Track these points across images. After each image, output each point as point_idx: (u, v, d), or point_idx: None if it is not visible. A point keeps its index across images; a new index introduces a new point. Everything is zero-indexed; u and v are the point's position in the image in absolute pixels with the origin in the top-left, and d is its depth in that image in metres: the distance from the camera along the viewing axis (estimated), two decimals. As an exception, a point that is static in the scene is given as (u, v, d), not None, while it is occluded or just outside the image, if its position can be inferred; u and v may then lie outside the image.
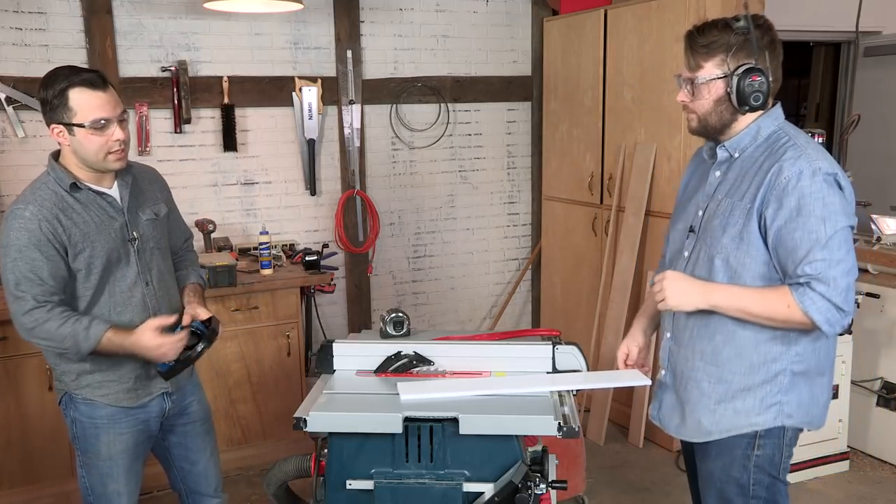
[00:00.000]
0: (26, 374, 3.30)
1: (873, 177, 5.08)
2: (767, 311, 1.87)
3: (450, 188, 4.74)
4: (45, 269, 2.08)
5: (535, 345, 2.32)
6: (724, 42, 1.90)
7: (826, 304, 1.80)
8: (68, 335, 2.08)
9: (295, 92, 4.18)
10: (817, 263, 1.80)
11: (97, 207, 2.17)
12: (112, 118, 2.09)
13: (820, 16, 5.10)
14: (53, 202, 2.11)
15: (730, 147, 1.99)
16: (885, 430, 3.84)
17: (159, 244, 2.32)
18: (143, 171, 2.39)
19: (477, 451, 1.94)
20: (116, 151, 2.12)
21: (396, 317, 2.46)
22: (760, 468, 2.01)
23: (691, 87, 1.95)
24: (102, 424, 2.25)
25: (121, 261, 2.20)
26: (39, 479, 3.39)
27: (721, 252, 1.93)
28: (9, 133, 3.69)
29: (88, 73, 2.10)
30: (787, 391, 1.97)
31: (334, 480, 1.98)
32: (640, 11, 3.89)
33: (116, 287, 2.20)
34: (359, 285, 4.55)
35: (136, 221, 2.25)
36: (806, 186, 1.81)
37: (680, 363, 2.08)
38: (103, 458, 2.26)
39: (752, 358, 1.96)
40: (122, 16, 3.83)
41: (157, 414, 2.34)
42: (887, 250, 3.82)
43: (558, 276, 4.75)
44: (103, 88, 2.09)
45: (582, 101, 4.37)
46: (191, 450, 2.46)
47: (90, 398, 2.23)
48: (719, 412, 2.00)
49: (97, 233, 2.15)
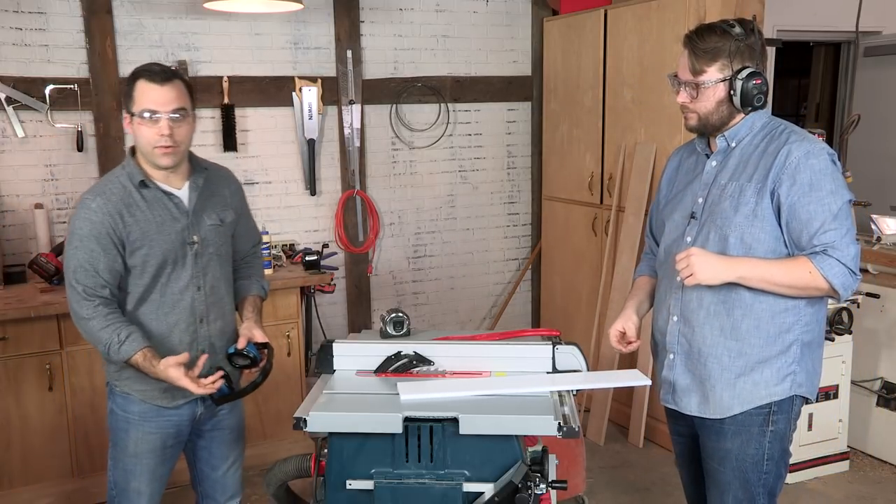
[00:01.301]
0: (26, 374, 3.30)
1: (873, 177, 5.08)
2: (791, 279, 2.00)
3: (450, 188, 4.74)
4: (101, 261, 2.12)
5: (535, 345, 2.32)
6: (726, 48, 2.03)
7: (842, 268, 1.96)
8: (104, 340, 2.12)
9: (295, 92, 4.18)
10: (831, 233, 1.96)
11: (162, 207, 2.20)
12: (161, 112, 2.10)
13: (820, 16, 5.11)
14: (120, 197, 2.15)
15: (729, 137, 2.13)
16: (885, 430, 3.84)
17: (219, 251, 2.32)
18: (219, 173, 2.40)
19: (477, 451, 1.94)
20: (162, 147, 2.12)
21: (396, 317, 2.46)
22: (773, 442, 2.14)
23: (695, 90, 2.06)
24: (134, 420, 2.28)
25: (177, 263, 2.22)
26: (39, 479, 3.39)
27: (735, 230, 2.05)
28: (9, 133, 3.69)
29: (157, 66, 2.15)
30: (798, 361, 2.11)
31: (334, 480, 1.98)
32: (640, 11, 3.89)
33: (168, 288, 2.22)
34: (359, 285, 4.55)
35: (199, 225, 2.26)
36: (815, 164, 1.98)
37: (696, 342, 2.15)
38: (130, 455, 2.29)
39: (769, 329, 2.08)
40: (122, 16, 3.83)
41: (188, 418, 2.34)
42: (887, 250, 3.82)
43: (558, 276, 4.75)
44: (161, 82, 2.10)
45: (582, 101, 4.37)
46: (214, 456, 2.46)
47: (128, 392, 2.26)
48: (739, 385, 2.11)
49: (157, 232, 2.17)
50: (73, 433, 3.41)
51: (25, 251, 3.76)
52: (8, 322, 3.22)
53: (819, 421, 3.68)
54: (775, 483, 2.19)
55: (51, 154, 3.80)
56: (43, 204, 3.77)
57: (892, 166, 5.31)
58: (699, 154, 2.23)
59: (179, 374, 2.11)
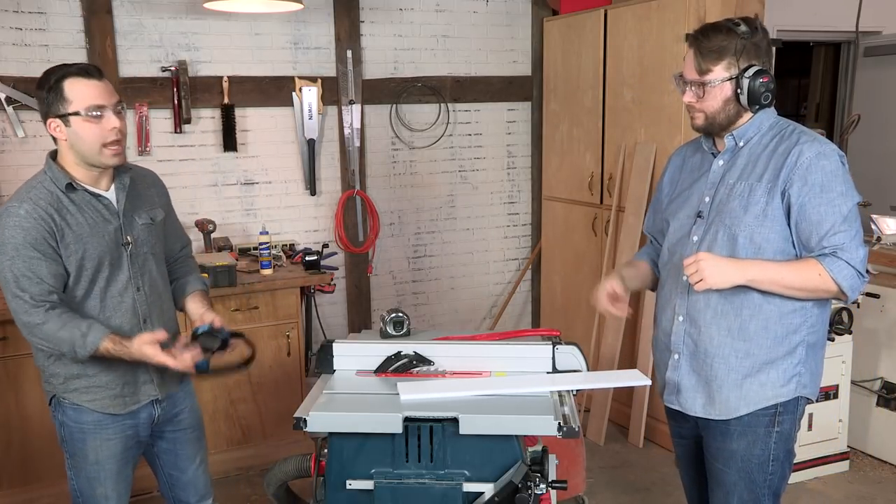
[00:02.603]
0: (26, 374, 3.30)
1: (873, 177, 5.08)
2: (801, 281, 2.00)
3: (450, 188, 4.74)
4: (43, 267, 2.05)
5: (535, 345, 2.32)
6: (731, 46, 2.01)
7: (850, 270, 1.97)
8: (66, 340, 2.06)
9: (295, 92, 4.18)
10: (841, 235, 1.97)
11: (92, 209, 2.14)
12: (107, 105, 2.07)
13: (820, 16, 5.11)
14: (48, 201, 2.07)
15: (737, 136, 2.11)
16: (885, 430, 3.84)
17: (154, 250, 2.29)
18: (143, 175, 2.36)
19: (477, 451, 1.94)
20: (112, 143, 2.08)
21: (396, 317, 2.46)
22: (779, 443, 2.14)
23: (702, 89, 2.05)
24: (89, 430, 2.22)
25: (113, 265, 2.17)
26: (39, 479, 3.39)
27: (745, 230, 2.04)
28: (9, 133, 3.69)
29: (82, 64, 2.10)
30: (804, 362, 2.11)
31: (334, 480, 1.98)
32: (640, 11, 3.89)
33: (107, 291, 2.17)
34: (359, 285, 4.55)
35: (131, 225, 2.22)
36: (827, 165, 1.98)
37: (703, 342, 2.14)
38: (91, 463, 2.24)
39: (776, 330, 2.07)
40: (122, 16, 3.83)
41: (145, 421, 2.30)
42: (887, 250, 3.82)
43: (558, 276, 4.75)
44: (98, 77, 2.07)
45: (582, 101, 4.37)
46: (180, 457, 2.42)
47: (77, 403, 2.20)
48: (745, 387, 2.11)
49: (90, 235, 2.12)
50: (73, 433, 3.41)
51: (25, 251, 3.76)
52: (8, 322, 3.21)
53: (819, 421, 3.68)
54: (780, 483, 2.20)
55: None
56: (43, 204, 3.76)
57: (892, 166, 5.31)
58: (705, 153, 2.21)
59: (155, 351, 2.08)
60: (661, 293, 2.30)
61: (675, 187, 2.30)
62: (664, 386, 2.28)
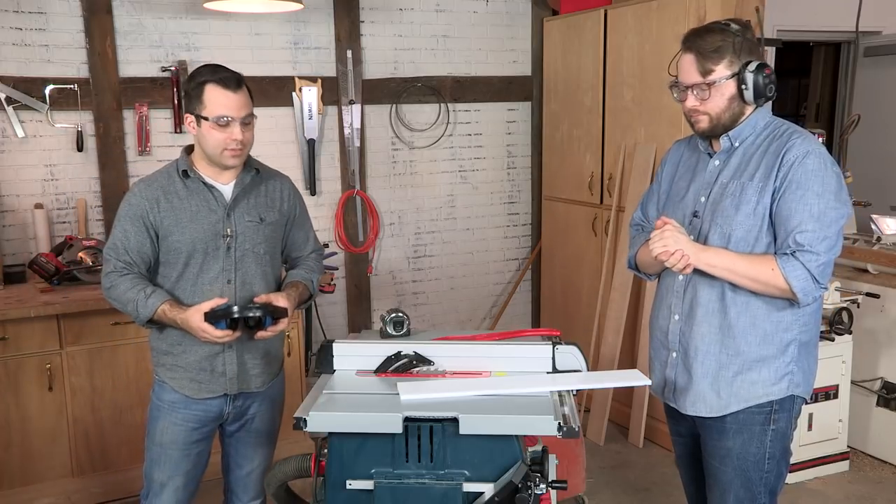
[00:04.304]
0: (26, 374, 3.30)
1: (873, 177, 5.08)
2: (752, 272, 2.02)
3: (450, 188, 4.74)
4: (131, 241, 2.25)
5: (535, 345, 2.32)
6: (729, 45, 2.03)
7: (805, 273, 1.97)
8: (130, 300, 2.22)
9: (295, 92, 4.18)
10: (806, 234, 1.96)
11: (201, 198, 2.28)
12: (235, 118, 2.21)
13: (820, 16, 5.11)
14: (161, 184, 2.28)
15: (733, 137, 2.13)
16: (885, 430, 3.84)
17: (256, 248, 2.35)
18: (274, 178, 2.46)
19: (477, 451, 1.94)
20: (232, 150, 2.23)
21: (396, 317, 2.45)
22: (775, 441, 2.15)
23: (707, 91, 2.06)
24: (164, 409, 2.36)
25: (208, 254, 2.28)
26: (39, 479, 3.39)
27: (737, 228, 2.06)
28: (9, 133, 3.69)
29: (227, 73, 2.23)
30: (796, 361, 2.12)
31: (334, 480, 1.98)
32: (640, 11, 3.89)
33: (199, 278, 2.29)
34: (359, 285, 4.55)
35: (236, 220, 2.31)
36: (809, 164, 1.99)
37: (694, 340, 2.16)
38: (156, 443, 2.37)
39: (765, 327, 2.09)
40: (122, 16, 3.83)
41: (214, 415, 2.40)
42: (887, 250, 3.82)
43: (558, 276, 4.75)
44: (235, 90, 2.22)
45: (582, 101, 4.37)
46: (239, 454, 2.52)
47: (162, 379, 2.36)
48: (736, 384, 2.12)
49: (190, 221, 2.26)
50: (73, 433, 3.41)
51: (25, 251, 3.76)
52: (8, 322, 3.22)
53: (819, 421, 3.68)
54: (776, 482, 2.20)
55: (51, 154, 3.80)
56: (43, 204, 3.77)
57: (892, 166, 5.31)
58: (700, 153, 2.23)
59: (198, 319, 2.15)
60: (657, 292, 2.33)
61: (671, 185, 2.32)
62: (662, 384, 2.29)
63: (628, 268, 2.46)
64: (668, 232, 2.04)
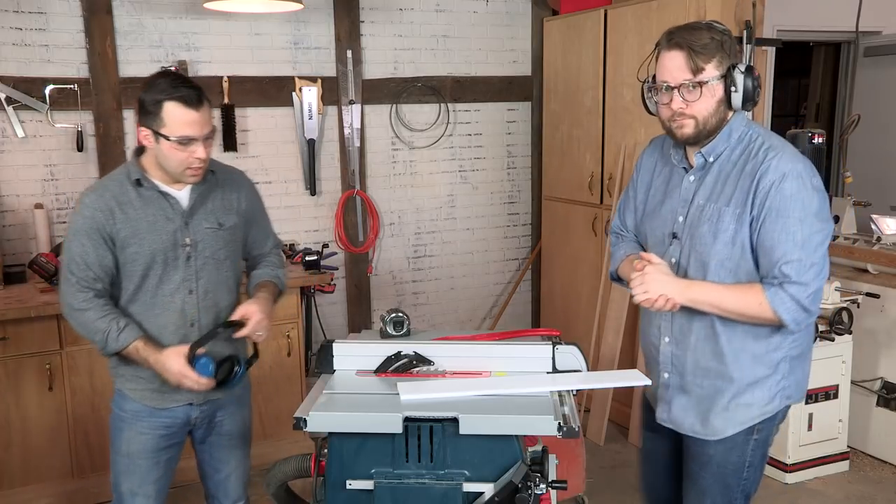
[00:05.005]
0: (26, 374, 3.30)
1: (873, 177, 5.08)
2: (740, 306, 1.95)
3: (450, 188, 4.74)
4: (91, 255, 2.13)
5: (535, 345, 2.32)
6: (718, 43, 1.93)
7: (794, 304, 1.90)
8: (100, 330, 2.13)
9: (295, 92, 4.18)
10: (793, 264, 1.88)
11: (157, 206, 2.18)
12: (198, 137, 2.10)
13: (820, 16, 5.10)
14: (113, 193, 2.15)
15: (706, 153, 2.03)
16: (885, 430, 3.84)
17: (216, 255, 2.27)
18: (229, 177, 2.35)
19: (477, 451, 1.94)
20: (195, 168, 2.14)
21: (396, 317, 2.45)
22: (756, 449, 2.13)
23: (699, 90, 1.93)
24: (127, 419, 2.28)
25: (167, 264, 2.19)
26: (39, 479, 3.39)
27: (715, 257, 1.99)
28: (9, 133, 3.69)
29: (188, 90, 2.09)
30: (787, 376, 2.07)
31: (334, 480, 1.98)
32: (640, 11, 3.89)
33: (159, 289, 2.20)
34: (359, 285, 4.55)
35: (194, 227, 2.22)
36: (787, 188, 1.89)
37: (689, 366, 2.11)
38: (122, 454, 2.30)
39: (755, 350, 2.03)
40: (122, 16, 3.83)
41: (181, 421, 2.32)
42: (887, 250, 3.82)
43: (558, 275, 4.75)
44: (197, 107, 2.09)
45: (582, 101, 4.37)
46: (214, 458, 2.46)
47: (122, 389, 2.29)
48: (732, 408, 2.08)
49: (148, 231, 2.16)
50: (73, 433, 3.41)
51: (25, 251, 3.76)
52: (8, 322, 3.22)
53: (819, 421, 3.68)
54: (752, 487, 2.18)
55: (51, 154, 3.80)
56: (43, 204, 3.77)
57: (892, 166, 5.30)
58: (674, 166, 2.12)
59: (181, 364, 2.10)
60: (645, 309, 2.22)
61: (647, 195, 2.23)
62: (655, 397, 2.26)
63: (611, 280, 2.40)
64: (650, 276, 1.97)
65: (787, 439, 3.63)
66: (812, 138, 3.57)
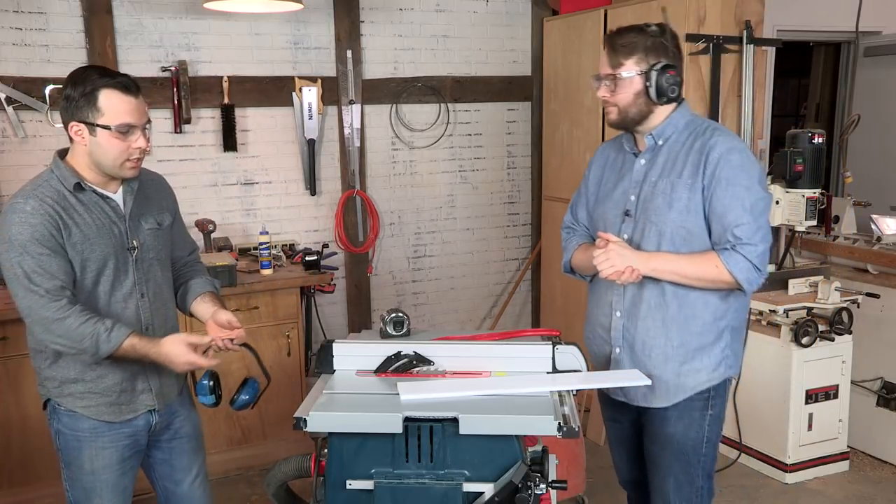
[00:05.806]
0: (26, 374, 3.30)
1: (873, 177, 5.08)
2: (698, 272, 2.13)
3: (450, 188, 4.74)
4: (52, 263, 2.01)
5: (535, 345, 2.32)
6: (641, 43, 2.16)
7: (747, 264, 2.08)
8: (89, 334, 2.01)
9: (295, 92, 4.18)
10: (743, 227, 2.08)
11: (99, 210, 2.11)
12: (138, 125, 2.06)
13: (820, 16, 5.10)
14: (55, 199, 2.03)
15: (656, 135, 2.23)
16: (885, 430, 3.84)
17: (159, 255, 2.25)
18: (151, 179, 2.31)
19: (477, 451, 1.94)
20: (134, 160, 2.09)
21: (396, 317, 2.45)
22: (713, 425, 2.29)
23: (614, 83, 2.17)
24: (85, 437, 2.16)
25: (118, 269, 2.13)
26: (39, 479, 3.39)
27: (670, 224, 2.16)
28: (9, 133, 3.70)
29: (122, 77, 2.06)
30: (729, 345, 2.25)
31: (334, 480, 1.98)
32: (640, 11, 3.89)
33: (112, 296, 2.13)
34: (359, 285, 4.55)
35: (137, 230, 2.18)
36: (734, 160, 2.11)
37: (640, 335, 2.25)
38: (87, 473, 2.18)
39: (704, 317, 2.20)
40: (122, 16, 3.83)
41: (143, 429, 2.25)
42: (887, 250, 3.82)
43: (558, 275, 4.74)
44: (136, 94, 2.06)
45: (582, 101, 4.37)
46: (176, 469, 2.36)
47: (72, 409, 2.15)
48: (682, 374, 2.23)
49: (97, 236, 2.08)
50: (73, 433, 3.41)
51: (25, 251, 3.76)
52: (8, 322, 3.22)
53: (819, 421, 3.68)
54: (711, 465, 2.32)
55: (51, 154, 3.77)
56: (43, 204, 3.76)
57: (892, 166, 5.30)
58: (626, 153, 2.32)
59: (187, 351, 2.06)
60: (595, 290, 2.40)
61: (599, 187, 2.40)
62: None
63: (564, 272, 2.53)
64: (613, 252, 2.12)
65: (787, 439, 3.64)
66: (812, 138, 3.57)
